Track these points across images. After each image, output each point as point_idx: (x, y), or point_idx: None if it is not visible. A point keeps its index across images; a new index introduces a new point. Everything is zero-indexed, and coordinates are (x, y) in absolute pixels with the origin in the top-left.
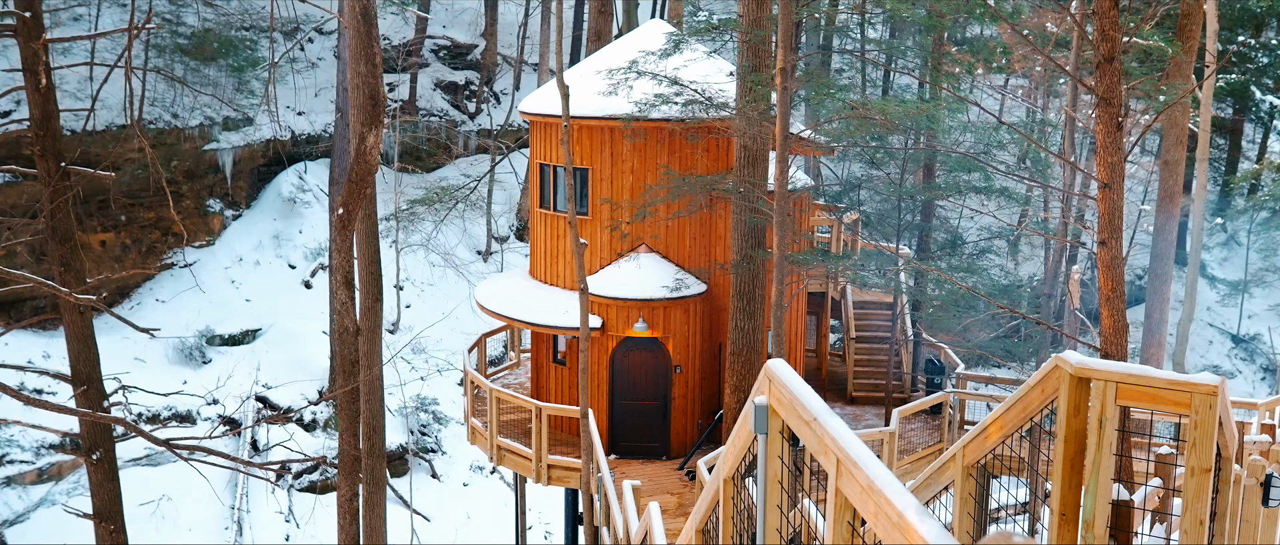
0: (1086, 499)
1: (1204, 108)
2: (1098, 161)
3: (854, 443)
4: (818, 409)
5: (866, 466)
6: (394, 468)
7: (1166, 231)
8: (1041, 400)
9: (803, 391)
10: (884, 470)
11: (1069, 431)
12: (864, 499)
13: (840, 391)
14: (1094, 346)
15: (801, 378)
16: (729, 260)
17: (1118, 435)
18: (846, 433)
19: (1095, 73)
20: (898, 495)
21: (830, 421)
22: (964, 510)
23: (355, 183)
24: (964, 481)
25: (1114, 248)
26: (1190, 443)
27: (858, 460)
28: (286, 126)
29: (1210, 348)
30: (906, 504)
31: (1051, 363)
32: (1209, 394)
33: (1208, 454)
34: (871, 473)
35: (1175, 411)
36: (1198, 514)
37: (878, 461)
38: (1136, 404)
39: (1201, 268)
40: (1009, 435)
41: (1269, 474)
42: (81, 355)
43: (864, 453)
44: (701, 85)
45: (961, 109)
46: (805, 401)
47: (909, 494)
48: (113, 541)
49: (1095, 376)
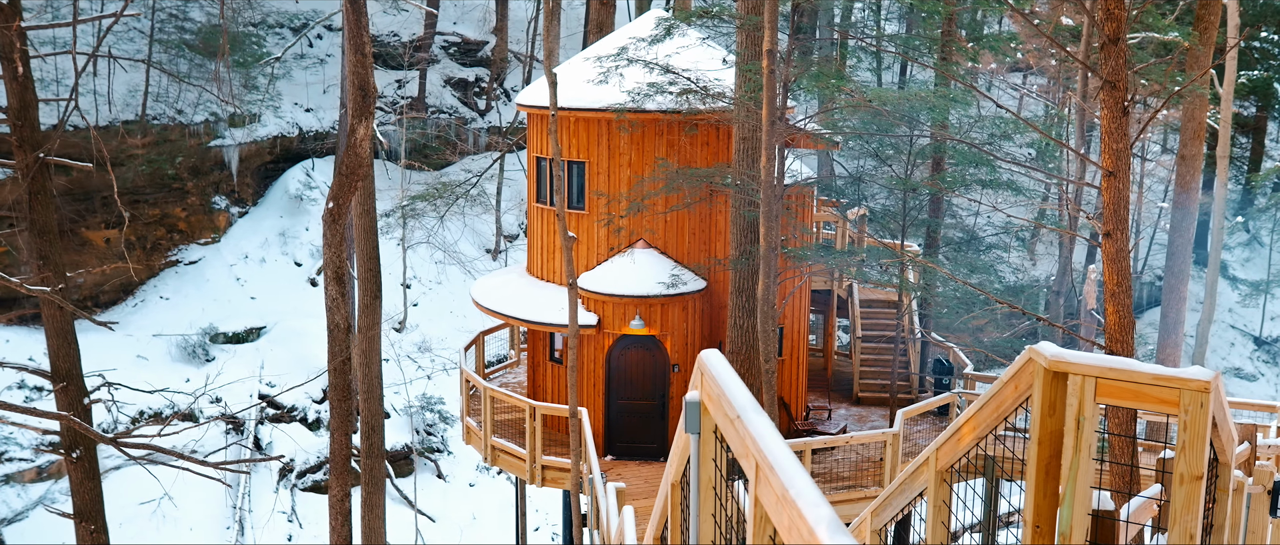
0: (1063, 509)
1: (1225, 103)
2: (1102, 148)
3: (775, 445)
4: (743, 405)
5: (783, 472)
6: (399, 468)
7: (1183, 228)
8: (1015, 397)
9: (731, 385)
10: (803, 478)
11: (1043, 432)
12: (778, 509)
13: (846, 392)
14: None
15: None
16: (728, 256)
17: (1119, 439)
18: (769, 433)
19: (1100, 55)
20: (812, 507)
21: (754, 419)
22: (937, 519)
23: (345, 175)
24: (937, 487)
25: (1119, 240)
26: (1179, 445)
27: (775, 464)
28: (293, 123)
29: (1232, 350)
30: (819, 518)
31: (1025, 355)
32: (1200, 390)
33: (1199, 458)
34: (787, 480)
35: (1163, 410)
36: (1188, 527)
37: (798, 468)
38: (1119, 402)
39: (1222, 268)
40: (982, 437)
41: (1278, 481)
42: (61, 351)
43: (784, 457)
44: (695, 74)
45: (969, 100)
46: (731, 395)
47: (826, 507)
48: (93, 541)
49: (1072, 370)
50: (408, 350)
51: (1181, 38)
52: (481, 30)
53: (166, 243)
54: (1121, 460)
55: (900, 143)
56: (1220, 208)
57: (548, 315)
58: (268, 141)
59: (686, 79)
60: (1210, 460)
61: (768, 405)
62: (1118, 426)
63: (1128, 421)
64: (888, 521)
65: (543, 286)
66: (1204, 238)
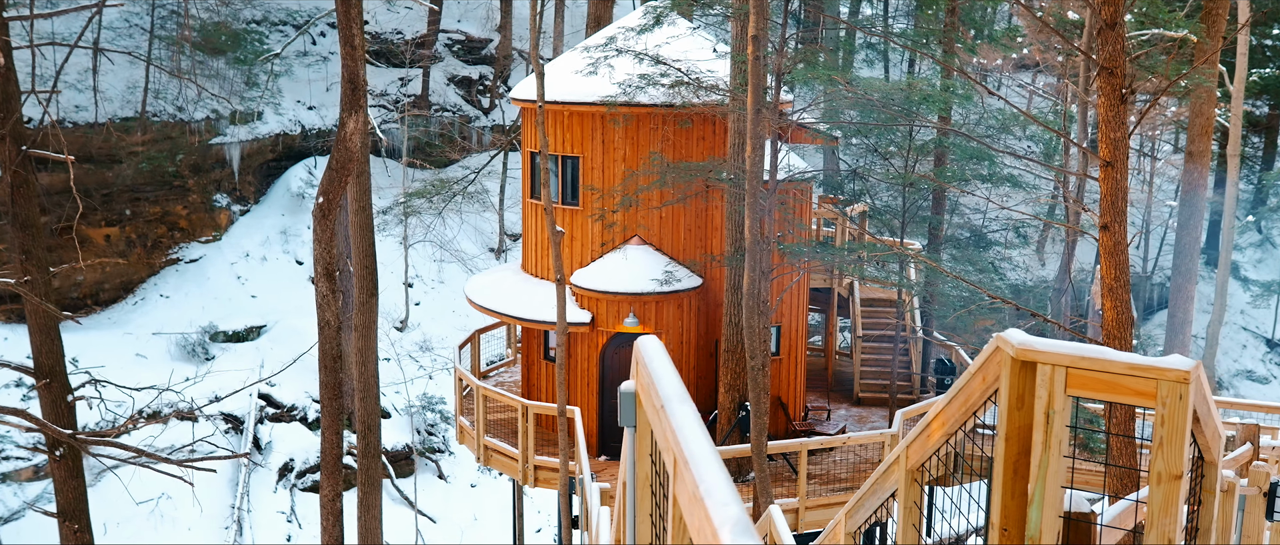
0: (1032, 510)
1: (1235, 101)
2: (1100, 138)
3: (694, 438)
4: (668, 394)
5: (696, 467)
6: (400, 468)
7: (1191, 226)
8: (983, 390)
9: (660, 373)
10: (717, 474)
11: (1011, 427)
12: (691, 508)
13: (847, 392)
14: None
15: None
16: (724, 252)
17: (1119, 440)
18: (690, 425)
19: (1097, 40)
20: (720, 507)
21: (677, 410)
22: (907, 521)
23: (335, 170)
24: (907, 488)
25: (1117, 233)
26: (1156, 441)
27: (691, 459)
28: (296, 120)
29: (1243, 352)
30: (724, 519)
31: (992, 343)
32: (1178, 381)
33: (1177, 455)
34: (699, 476)
35: (1139, 402)
36: (1166, 531)
37: (715, 464)
38: (1092, 394)
39: (1233, 268)
40: (952, 433)
41: (1274, 482)
42: (44, 347)
43: (701, 451)
44: (686, 64)
45: (969, 94)
46: (660, 384)
47: (735, 507)
48: (77, 541)
49: (1041, 359)
50: (409, 349)
51: (1191, 33)
52: (485, 28)
53: (167, 241)
54: (1121, 462)
55: (901, 137)
56: (1231, 207)
57: (541, 313)
58: (269, 139)
59: (677, 70)
60: (1195, 459)
61: (756, 404)
62: (1117, 426)
63: (1126, 421)
64: (862, 523)
65: (537, 284)
66: (1215, 238)
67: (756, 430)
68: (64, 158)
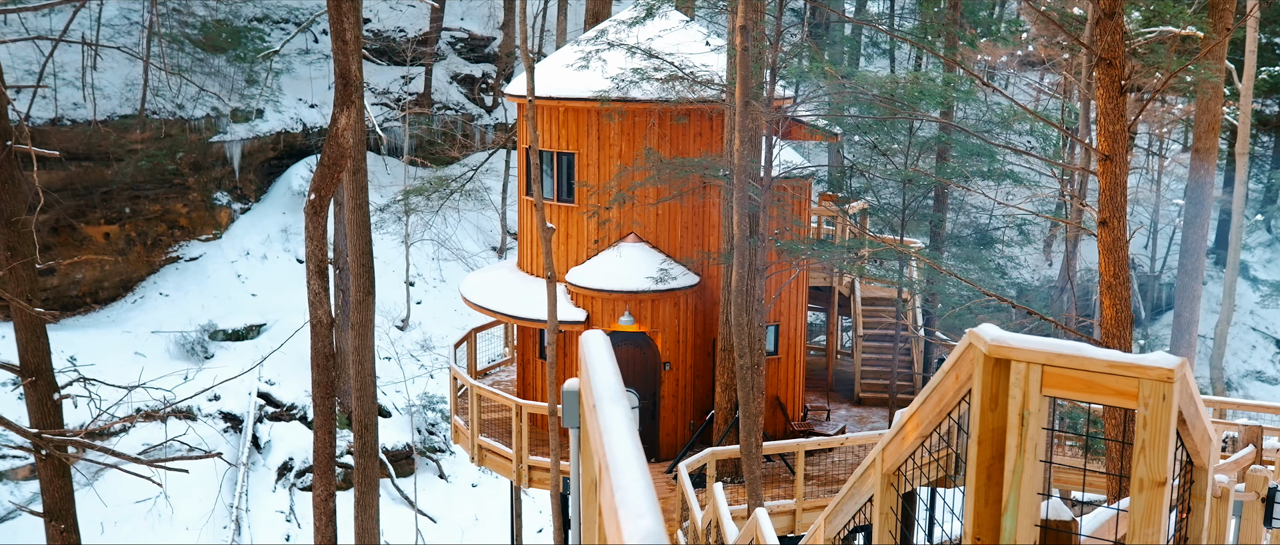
0: (1006, 519)
1: (1244, 99)
2: (1098, 131)
3: (619, 442)
4: (602, 392)
5: (616, 474)
6: (400, 467)
7: (1198, 224)
8: (956, 389)
9: (598, 370)
10: (635, 482)
11: (984, 429)
12: (608, 516)
13: (848, 392)
14: (1102, 343)
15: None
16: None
17: (1118, 446)
18: (617, 427)
19: (1095, 30)
20: (632, 518)
21: (607, 410)
22: (884, 527)
23: (327, 167)
24: (884, 492)
25: (1116, 228)
26: (1137, 445)
27: (612, 464)
28: (297, 119)
29: (1253, 353)
30: (635, 530)
31: (965, 339)
32: (1161, 379)
33: (1161, 460)
34: (616, 482)
35: (1120, 403)
36: (1149, 541)
37: (635, 470)
38: (1069, 393)
39: (1242, 268)
40: (927, 435)
41: (1272, 487)
42: (30, 345)
43: (622, 457)
44: (679, 58)
45: (970, 88)
46: (594, 382)
47: (649, 518)
48: (63, 541)
49: (1016, 356)
50: (410, 348)
51: (1197, 30)
52: (488, 26)
53: (167, 239)
54: (1121, 464)
55: (901, 134)
56: (1240, 206)
57: (535, 311)
58: (271, 137)
59: (670, 64)
60: (1183, 463)
61: (747, 404)
62: (1115, 429)
63: (1127, 421)
64: (842, 528)
65: (533, 282)
66: (1224, 237)
67: (745, 431)
68: (50, 154)
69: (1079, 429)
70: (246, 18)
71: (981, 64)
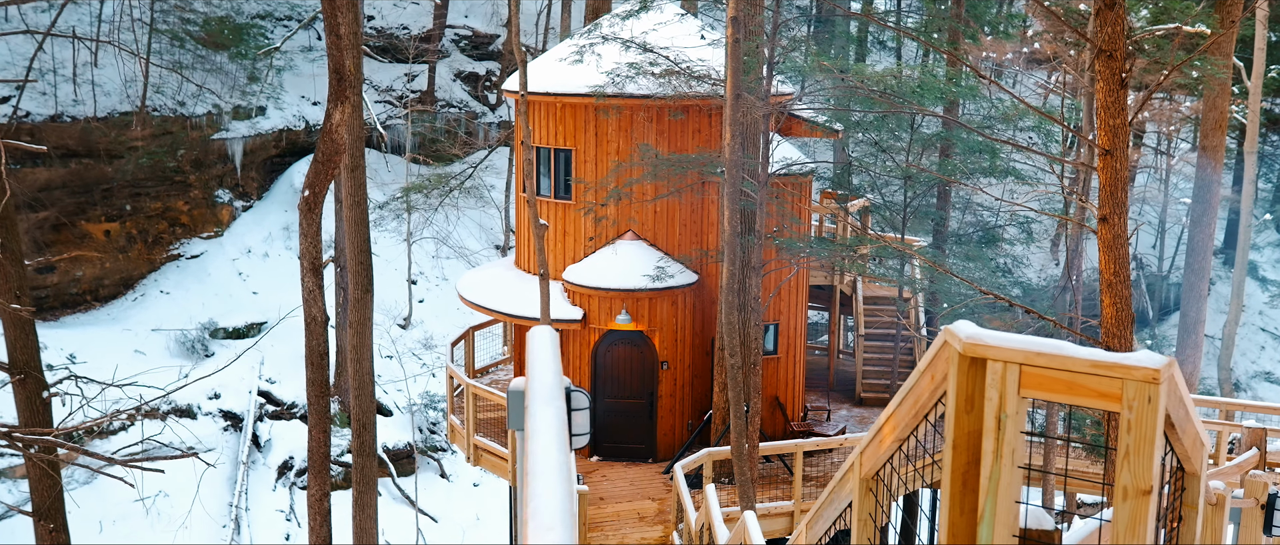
0: (981, 528)
1: (1253, 97)
2: (1099, 125)
3: (540, 448)
4: (536, 393)
5: (532, 482)
6: (401, 466)
7: (1204, 223)
8: (932, 389)
9: (537, 369)
10: (549, 493)
11: (960, 433)
12: (522, 528)
13: (849, 392)
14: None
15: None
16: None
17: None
18: (545, 431)
19: (1095, 20)
20: (541, 530)
21: (538, 413)
22: (862, 534)
23: (321, 163)
24: (862, 498)
25: (1117, 224)
26: (1121, 450)
27: (531, 471)
28: (299, 116)
29: (1261, 354)
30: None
31: (941, 336)
32: (1147, 380)
33: (1146, 468)
34: (531, 491)
35: (1103, 405)
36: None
37: (552, 480)
38: (1049, 395)
39: (1251, 267)
40: (904, 438)
41: (1272, 493)
42: (18, 342)
43: (540, 464)
44: (674, 52)
45: (972, 84)
46: (532, 382)
47: (558, 532)
48: (52, 541)
49: (992, 355)
50: (412, 346)
51: (1208, 28)
52: (492, 23)
53: (168, 236)
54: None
55: (902, 130)
56: (1248, 205)
57: (531, 309)
58: (272, 135)
59: (666, 58)
60: (1174, 469)
61: (736, 405)
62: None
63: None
64: (823, 534)
65: (530, 280)
66: (1233, 237)
67: (736, 432)
68: (37, 149)
69: (1083, 431)
70: (248, 14)
71: (988, 62)
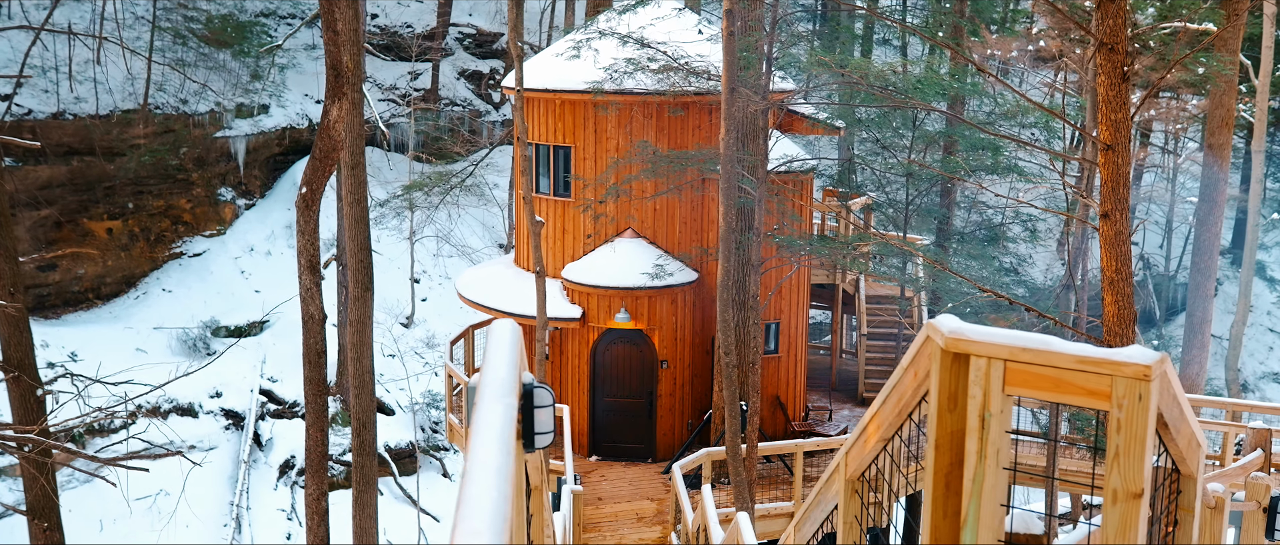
0: (965, 533)
1: (1260, 95)
2: (1100, 119)
3: (483, 448)
4: (486, 390)
5: (467, 485)
6: (403, 465)
7: (1211, 221)
8: (915, 387)
9: (493, 363)
10: (481, 499)
11: (942, 432)
12: (452, 532)
13: (851, 391)
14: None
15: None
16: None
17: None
18: (487, 430)
19: (1096, 12)
20: (468, 535)
21: (485, 410)
22: (849, 536)
23: (319, 160)
24: (848, 499)
25: (1118, 221)
26: (1110, 453)
27: (466, 473)
28: (303, 114)
29: (1269, 354)
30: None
31: (923, 331)
32: (1138, 377)
33: (1137, 469)
34: (464, 495)
35: (1092, 403)
36: None
37: (486, 485)
38: (1035, 392)
39: (1259, 267)
40: (889, 437)
41: (1274, 496)
42: (13, 339)
43: (476, 466)
44: (672, 47)
45: (974, 80)
46: (485, 377)
47: (485, 539)
48: (46, 540)
49: (975, 351)
50: (414, 345)
51: (1213, 26)
52: (496, 21)
53: (171, 235)
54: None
55: (905, 128)
56: (1256, 204)
57: (530, 308)
58: (275, 133)
59: (664, 53)
60: (1169, 471)
61: (732, 404)
62: None
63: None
64: (811, 537)
65: (529, 278)
66: (1241, 236)
67: (731, 432)
68: (30, 145)
69: (1085, 431)
70: (251, 12)
71: (994, 60)
